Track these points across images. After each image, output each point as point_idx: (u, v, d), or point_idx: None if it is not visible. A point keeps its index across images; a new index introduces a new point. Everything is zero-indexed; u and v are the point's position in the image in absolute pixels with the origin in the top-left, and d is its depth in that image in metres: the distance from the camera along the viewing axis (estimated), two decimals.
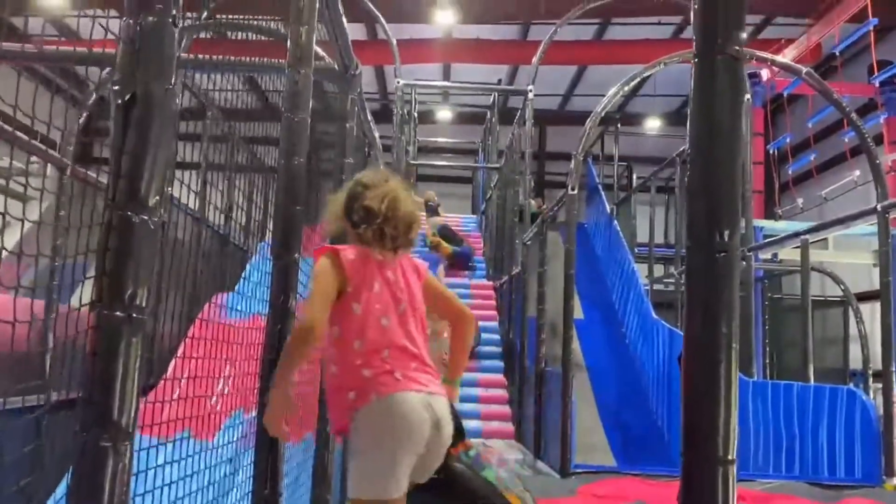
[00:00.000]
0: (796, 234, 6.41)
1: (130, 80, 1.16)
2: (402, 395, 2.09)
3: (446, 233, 11.08)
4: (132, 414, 1.13)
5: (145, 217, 1.14)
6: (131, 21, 1.18)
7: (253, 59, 3.80)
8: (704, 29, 1.21)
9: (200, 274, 6.85)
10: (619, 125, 12.11)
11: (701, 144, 1.19)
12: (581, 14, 9.81)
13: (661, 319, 8.30)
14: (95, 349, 1.12)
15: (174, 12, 1.20)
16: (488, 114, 14.11)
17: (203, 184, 7.27)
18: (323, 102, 3.63)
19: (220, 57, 3.67)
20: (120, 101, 1.15)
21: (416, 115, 12.98)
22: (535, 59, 8.91)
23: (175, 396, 3.36)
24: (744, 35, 1.20)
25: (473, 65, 14.34)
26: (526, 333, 7.40)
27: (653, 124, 16.96)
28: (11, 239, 6.13)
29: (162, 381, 5.18)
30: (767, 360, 10.18)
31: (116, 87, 1.16)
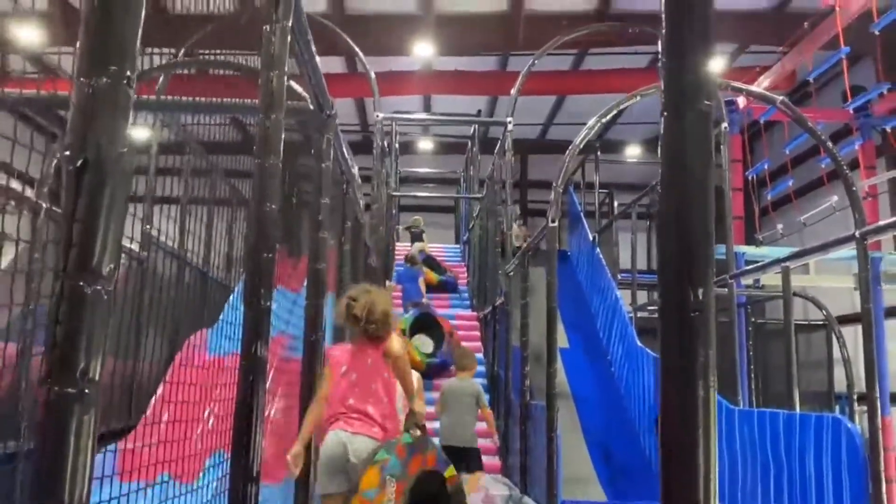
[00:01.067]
0: (778, 261, 6.43)
1: (82, 145, 1.12)
2: (333, 432, 3.37)
3: (430, 262, 11.12)
4: (84, 496, 1.07)
5: (98, 287, 1.10)
6: (84, 82, 1.14)
7: (232, 99, 3.78)
8: (672, 86, 1.19)
9: (178, 311, 6.77)
10: (598, 153, 12.19)
11: (671, 201, 1.17)
12: (558, 45, 9.92)
13: (645, 347, 8.29)
14: (45, 428, 1.06)
15: (129, 73, 1.17)
16: (469, 144, 14.18)
17: (182, 220, 7.21)
18: (303, 134, 3.62)
19: (198, 99, 3.64)
20: (71, 168, 1.11)
21: (397, 146, 13.01)
22: (513, 90, 8.98)
23: (154, 440, 3.28)
24: (712, 90, 1.18)
25: (452, 95, 14.44)
26: (511, 365, 7.35)
27: (633, 151, 17.11)
28: None
29: (141, 425, 5.06)
30: (753, 386, 10.17)
31: (67, 153, 1.11)
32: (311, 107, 3.36)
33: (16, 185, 4.73)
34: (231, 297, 6.67)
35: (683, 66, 1.18)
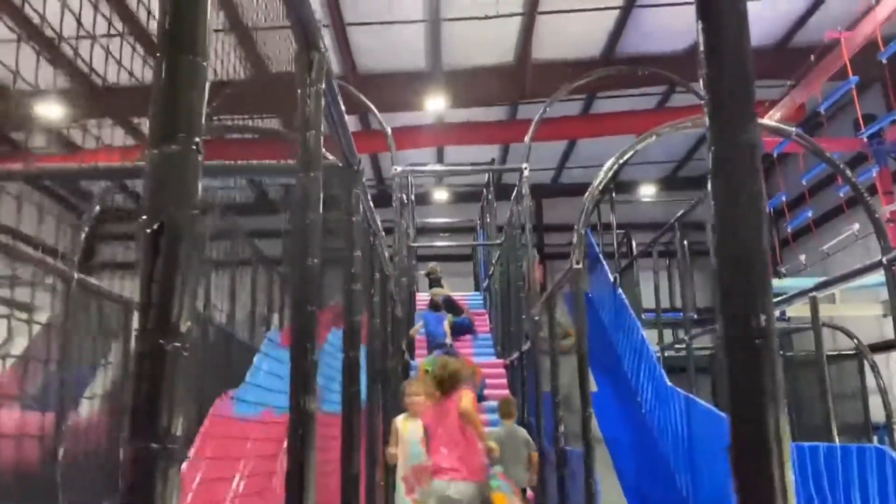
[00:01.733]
0: (805, 292, 6.39)
1: (157, 211, 1.17)
2: (438, 482, 4.66)
3: (449, 303, 11.25)
4: None
5: (178, 344, 1.14)
6: (155, 151, 1.21)
7: (254, 161, 3.88)
8: (718, 118, 1.23)
9: (204, 376, 6.78)
10: (614, 194, 12.26)
11: (726, 231, 1.20)
12: (568, 91, 10.10)
13: (675, 386, 8.19)
14: (132, 486, 1.09)
15: (197, 139, 1.23)
16: (484, 191, 14.31)
17: (207, 282, 7.30)
18: (325, 192, 3.69)
19: (225, 162, 3.74)
20: (148, 231, 1.16)
21: (412, 197, 13.17)
22: (527, 138, 9.11)
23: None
24: (756, 119, 1.22)
25: (464, 146, 14.65)
26: (542, 411, 7.27)
27: (646, 191, 17.20)
28: (16, 350, 6.13)
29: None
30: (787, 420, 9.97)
31: (143, 218, 1.17)
32: (340, 164, 3.45)
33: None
34: (255, 357, 6.69)
35: (726, 97, 1.23)
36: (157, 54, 1.25)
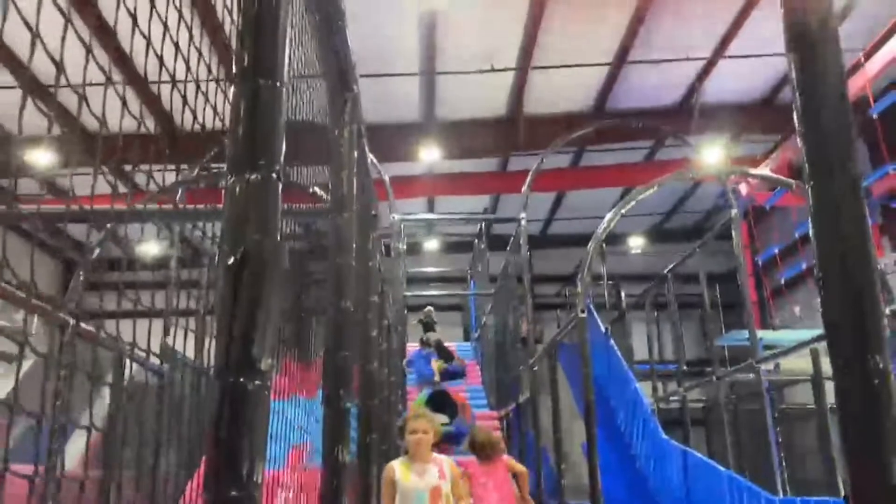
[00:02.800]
0: (805, 344, 6.37)
1: (238, 240, 1.11)
2: None
3: (440, 347, 11.24)
4: None
5: (259, 382, 1.06)
6: (234, 179, 1.15)
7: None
8: (816, 155, 1.20)
9: (200, 426, 6.58)
10: (604, 245, 12.31)
11: (830, 273, 1.16)
12: (557, 143, 10.23)
13: (670, 439, 8.08)
14: None
15: (276, 167, 1.18)
16: (476, 241, 14.32)
17: (202, 330, 7.14)
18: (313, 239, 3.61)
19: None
20: (229, 262, 1.10)
21: (404, 247, 13.14)
22: (524, 188, 9.17)
23: None
24: (856, 155, 1.19)
25: (456, 196, 14.74)
26: (541, 465, 7.12)
27: (634, 242, 17.31)
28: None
29: None
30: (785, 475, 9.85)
31: (225, 247, 1.11)
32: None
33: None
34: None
35: (822, 132, 1.20)
36: (236, 81, 1.21)
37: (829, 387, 7.66)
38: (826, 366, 7.03)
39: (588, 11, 9.72)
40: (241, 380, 1.05)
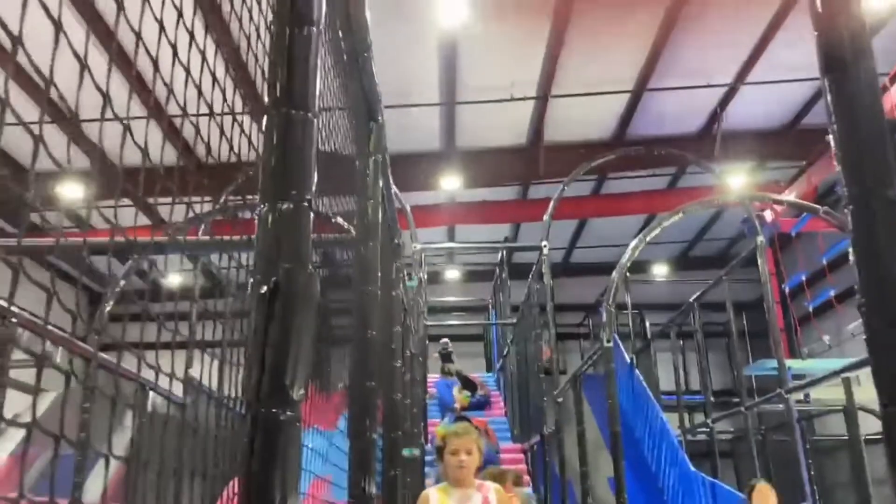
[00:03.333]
0: (836, 373, 6.24)
1: (271, 268, 1.10)
2: None
3: (463, 378, 11.22)
4: None
5: (292, 413, 1.05)
6: (267, 208, 1.15)
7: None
8: (855, 176, 1.18)
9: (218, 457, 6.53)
10: (627, 273, 12.21)
11: (874, 297, 1.12)
12: (580, 171, 10.23)
13: (699, 471, 7.91)
14: None
15: (308, 196, 1.18)
16: (497, 270, 14.27)
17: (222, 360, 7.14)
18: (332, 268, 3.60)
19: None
20: (262, 291, 1.09)
21: (424, 276, 13.15)
22: (546, 216, 9.16)
23: None
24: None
25: (476, 225, 14.74)
26: (567, 498, 6.99)
27: (658, 270, 17.16)
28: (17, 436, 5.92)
29: None
30: None
31: (257, 276, 1.10)
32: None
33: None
34: None
35: (860, 155, 1.18)
36: (268, 111, 1.22)
37: (863, 417, 7.49)
38: (859, 395, 6.88)
39: (608, 39, 9.77)
40: (273, 411, 1.04)
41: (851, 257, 1.17)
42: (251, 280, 1.10)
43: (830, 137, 1.23)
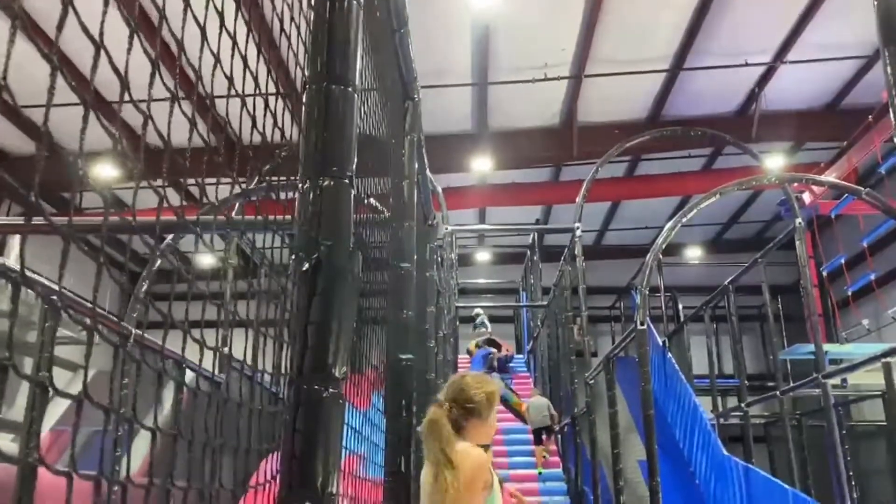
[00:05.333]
0: (876, 357, 6.10)
1: (313, 245, 1.10)
2: None
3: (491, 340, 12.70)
4: None
5: (335, 390, 1.04)
6: (307, 185, 1.14)
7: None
8: None
9: (252, 433, 6.63)
10: (661, 256, 12.06)
11: None
12: (615, 152, 10.09)
13: (733, 455, 7.83)
14: None
15: (349, 173, 1.17)
16: (528, 252, 14.21)
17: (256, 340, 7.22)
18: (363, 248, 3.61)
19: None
20: (304, 268, 1.08)
21: (455, 258, 13.16)
22: (579, 198, 9.07)
23: None
24: None
25: (507, 207, 14.67)
26: (598, 481, 6.98)
27: (693, 253, 16.94)
28: (60, 408, 6.06)
29: None
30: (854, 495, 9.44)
31: (299, 254, 1.09)
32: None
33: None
34: None
35: None
36: (308, 86, 1.20)
37: (873, 404, 7.31)
38: (876, 381, 6.73)
39: (644, 17, 9.58)
40: (317, 386, 1.04)
41: None
42: (292, 258, 1.09)
43: (890, 111, 1.18)
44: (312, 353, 1.05)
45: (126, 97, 0.84)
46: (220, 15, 1.02)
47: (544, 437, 9.53)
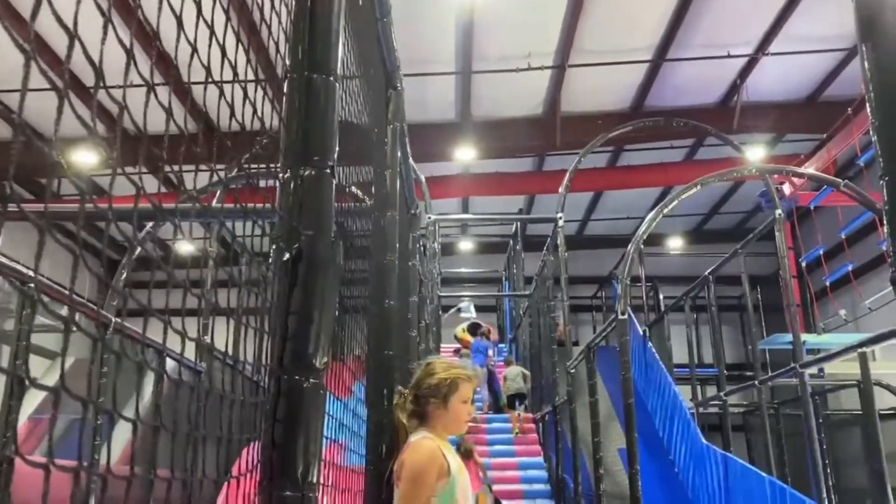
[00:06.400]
0: (853, 347, 6.17)
1: (294, 235, 1.09)
2: None
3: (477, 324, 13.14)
4: None
5: (315, 381, 1.04)
6: (288, 175, 1.13)
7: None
8: (892, 145, 1.14)
9: (234, 422, 6.61)
10: (642, 246, 12.14)
11: None
12: (596, 143, 10.12)
13: (711, 444, 7.93)
14: None
15: (330, 163, 1.16)
16: (511, 242, 14.24)
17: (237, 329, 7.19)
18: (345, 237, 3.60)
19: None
20: (285, 258, 1.08)
21: (438, 247, 13.17)
22: (562, 188, 9.09)
23: None
24: None
25: (490, 196, 14.68)
26: (579, 469, 7.04)
27: (674, 243, 17.06)
28: (39, 396, 6.00)
29: None
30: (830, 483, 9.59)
31: (280, 244, 1.09)
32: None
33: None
34: None
35: None
36: (289, 75, 1.19)
37: (877, 392, 7.45)
38: (874, 370, 6.83)
39: (627, 8, 9.59)
40: (297, 377, 1.04)
41: (885, 230, 1.14)
42: (273, 247, 1.09)
43: (867, 106, 1.19)
44: (293, 343, 1.05)
45: (101, 84, 0.83)
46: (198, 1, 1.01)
47: (517, 403, 10.42)
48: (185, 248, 9.16)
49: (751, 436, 12.91)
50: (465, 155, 12.08)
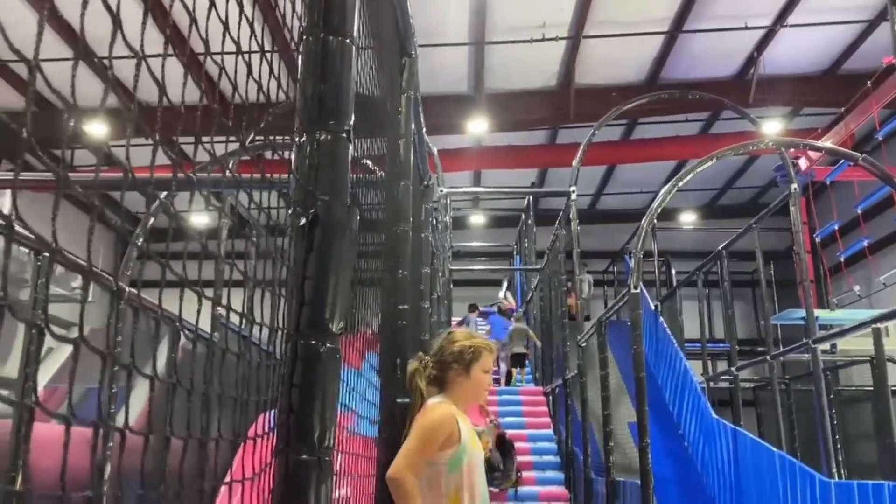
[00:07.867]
0: (866, 323, 6.14)
1: (310, 199, 1.08)
2: None
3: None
4: None
5: (332, 346, 1.04)
6: (304, 139, 1.12)
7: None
8: None
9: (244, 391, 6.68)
10: (655, 221, 12.06)
11: None
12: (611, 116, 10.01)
13: (721, 418, 7.93)
14: (283, 497, 0.99)
15: (346, 127, 1.14)
16: (522, 216, 14.19)
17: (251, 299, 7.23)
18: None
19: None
20: (301, 223, 1.07)
21: (449, 220, 13.15)
22: (575, 161, 9.02)
23: None
24: None
25: (502, 170, 14.60)
26: (588, 441, 7.07)
27: (687, 218, 16.95)
28: (54, 365, 6.08)
29: None
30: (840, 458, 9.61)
31: (296, 208, 1.08)
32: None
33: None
34: None
35: None
36: (304, 37, 1.17)
37: (889, 368, 7.41)
38: (887, 345, 6.79)
39: None
40: (313, 342, 1.03)
41: None
42: (289, 212, 1.08)
43: None
44: (309, 308, 1.04)
45: (115, 54, 0.81)
46: None
47: (519, 366, 11.16)
48: (199, 219, 9.20)
49: (761, 410, 12.92)
50: (478, 127, 11.99)
